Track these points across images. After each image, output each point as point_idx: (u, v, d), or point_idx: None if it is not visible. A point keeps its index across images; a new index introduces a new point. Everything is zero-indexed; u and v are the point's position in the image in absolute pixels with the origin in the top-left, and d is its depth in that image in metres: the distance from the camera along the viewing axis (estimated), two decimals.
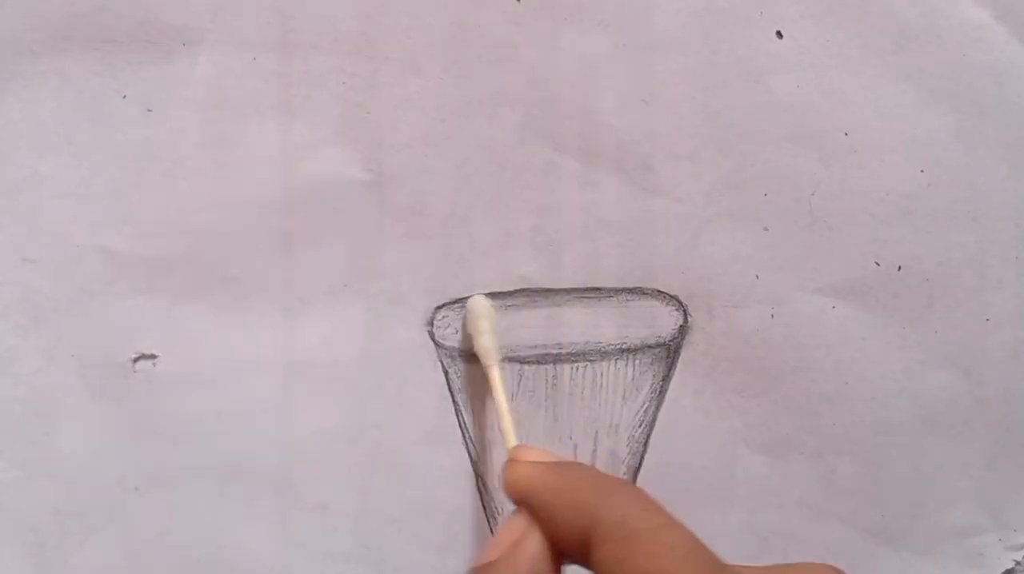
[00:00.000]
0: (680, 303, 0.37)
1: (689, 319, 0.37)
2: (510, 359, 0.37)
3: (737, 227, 0.37)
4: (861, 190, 0.37)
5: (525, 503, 0.30)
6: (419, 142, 0.36)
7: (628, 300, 0.37)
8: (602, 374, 0.37)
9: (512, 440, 0.33)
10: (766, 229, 0.37)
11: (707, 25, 0.37)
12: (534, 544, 0.29)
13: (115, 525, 0.36)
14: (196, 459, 0.36)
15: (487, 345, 0.35)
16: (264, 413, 0.36)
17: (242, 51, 0.36)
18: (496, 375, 0.35)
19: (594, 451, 0.37)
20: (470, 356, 0.36)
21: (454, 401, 0.37)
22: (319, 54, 0.36)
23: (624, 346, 0.37)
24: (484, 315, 0.36)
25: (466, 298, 0.36)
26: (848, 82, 0.37)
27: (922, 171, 0.37)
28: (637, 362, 0.37)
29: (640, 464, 0.37)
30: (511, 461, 0.31)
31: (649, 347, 0.37)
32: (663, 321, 0.37)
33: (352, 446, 0.36)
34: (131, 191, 0.36)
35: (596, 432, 0.37)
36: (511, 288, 0.37)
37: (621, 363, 0.37)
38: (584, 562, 0.28)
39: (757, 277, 0.37)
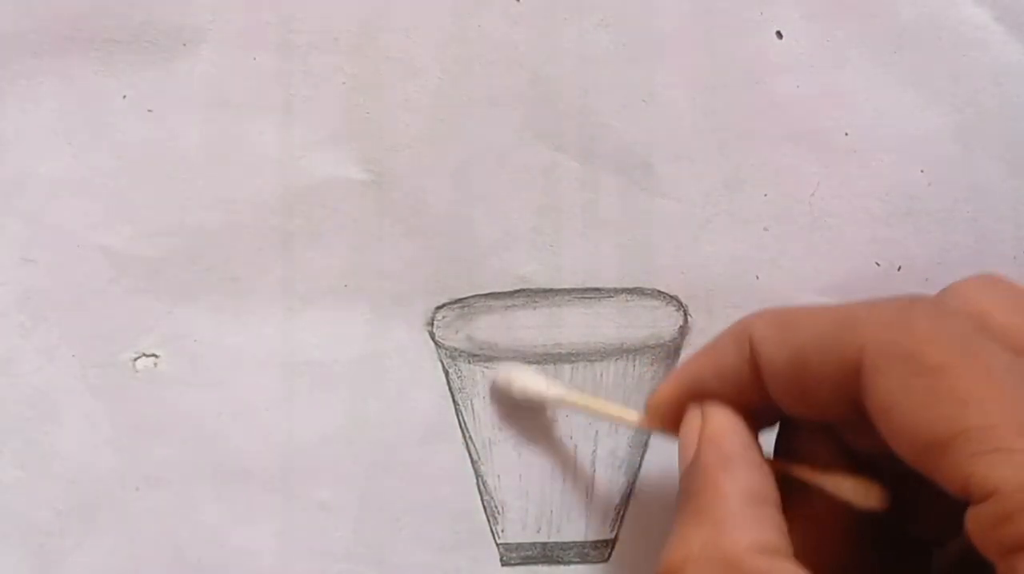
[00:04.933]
0: (680, 303, 0.37)
1: (689, 319, 0.37)
2: (511, 359, 0.37)
3: (737, 227, 0.37)
4: (861, 190, 0.37)
5: (685, 401, 0.30)
6: (419, 142, 0.36)
7: (628, 300, 0.37)
8: (602, 374, 0.37)
9: (633, 414, 0.33)
10: (766, 229, 0.37)
11: (707, 25, 0.37)
12: (718, 413, 0.29)
13: (115, 525, 0.36)
14: (196, 459, 0.36)
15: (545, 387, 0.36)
16: (264, 413, 0.36)
17: (242, 51, 0.36)
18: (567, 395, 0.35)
19: (594, 451, 0.37)
20: (470, 357, 0.36)
21: (454, 401, 0.37)
22: (319, 54, 0.36)
23: (624, 346, 0.37)
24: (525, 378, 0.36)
25: (467, 298, 0.37)
26: (848, 82, 0.37)
27: (922, 171, 0.37)
28: (637, 362, 0.37)
29: (640, 464, 0.37)
30: (651, 397, 0.32)
31: (649, 347, 0.37)
32: (663, 321, 0.37)
33: (352, 446, 0.36)
34: (131, 191, 0.36)
35: (596, 432, 0.37)
36: (511, 288, 0.37)
37: (621, 363, 0.37)
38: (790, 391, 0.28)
39: (757, 277, 0.37)
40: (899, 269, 0.37)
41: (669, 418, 0.31)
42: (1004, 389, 0.24)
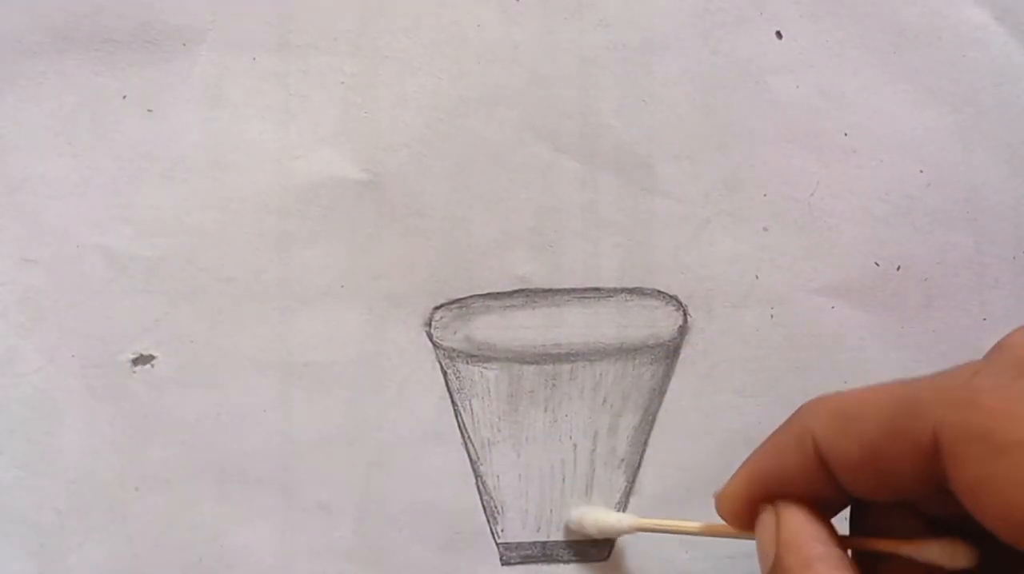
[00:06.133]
0: (680, 303, 0.37)
1: (689, 319, 0.37)
2: (510, 359, 0.37)
3: (737, 227, 0.37)
4: (860, 190, 0.37)
5: (756, 499, 0.30)
6: (417, 142, 0.36)
7: (628, 300, 0.37)
8: (602, 374, 0.37)
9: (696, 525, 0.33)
10: (766, 229, 0.37)
11: (707, 25, 0.37)
12: (792, 516, 0.28)
13: (115, 525, 0.36)
14: (196, 459, 0.36)
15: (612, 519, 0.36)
16: (263, 413, 0.36)
17: (242, 51, 0.36)
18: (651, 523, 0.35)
19: (594, 451, 0.37)
20: (469, 357, 0.36)
21: (453, 401, 0.37)
22: (318, 54, 0.36)
23: (624, 346, 0.37)
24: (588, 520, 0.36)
25: (465, 298, 0.37)
26: (848, 82, 0.37)
27: (921, 171, 0.37)
28: (637, 362, 0.37)
29: (640, 464, 0.37)
30: (719, 496, 0.31)
31: (649, 347, 0.37)
32: (663, 321, 0.37)
33: (352, 446, 0.36)
34: (131, 191, 0.36)
35: (596, 432, 0.37)
36: (510, 288, 0.37)
37: (621, 363, 0.37)
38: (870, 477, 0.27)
39: (757, 277, 0.37)
40: (898, 269, 0.37)
41: (740, 518, 0.31)
42: None
